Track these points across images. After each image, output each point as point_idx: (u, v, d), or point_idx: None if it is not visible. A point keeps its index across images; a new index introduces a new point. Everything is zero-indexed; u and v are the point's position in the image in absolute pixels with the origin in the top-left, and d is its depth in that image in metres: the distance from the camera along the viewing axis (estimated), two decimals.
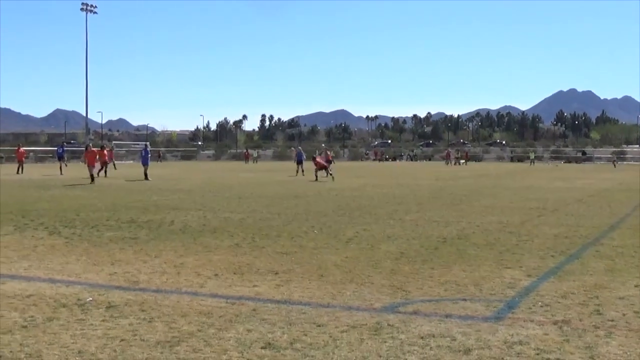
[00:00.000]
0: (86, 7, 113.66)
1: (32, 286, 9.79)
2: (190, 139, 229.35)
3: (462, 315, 8.10)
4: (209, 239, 14.72)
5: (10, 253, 12.81)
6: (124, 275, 10.63)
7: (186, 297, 9.08)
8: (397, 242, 14.40)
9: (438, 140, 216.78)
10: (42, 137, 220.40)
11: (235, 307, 8.47)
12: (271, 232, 15.99)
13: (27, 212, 20.66)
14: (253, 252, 12.98)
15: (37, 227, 16.86)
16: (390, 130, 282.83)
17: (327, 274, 10.71)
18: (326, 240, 14.55)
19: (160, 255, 12.60)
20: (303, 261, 11.92)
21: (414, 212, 21.17)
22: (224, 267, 11.37)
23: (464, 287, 9.74)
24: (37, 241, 14.42)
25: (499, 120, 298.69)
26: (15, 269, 11.25)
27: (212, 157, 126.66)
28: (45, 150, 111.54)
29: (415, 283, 10.02)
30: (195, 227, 16.95)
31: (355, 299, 9.00)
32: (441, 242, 14.32)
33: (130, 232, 15.97)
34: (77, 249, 13.37)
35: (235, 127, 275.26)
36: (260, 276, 10.58)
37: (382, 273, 10.82)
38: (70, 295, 9.18)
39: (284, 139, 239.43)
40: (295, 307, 8.47)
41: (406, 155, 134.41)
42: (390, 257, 12.33)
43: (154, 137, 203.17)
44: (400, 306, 8.60)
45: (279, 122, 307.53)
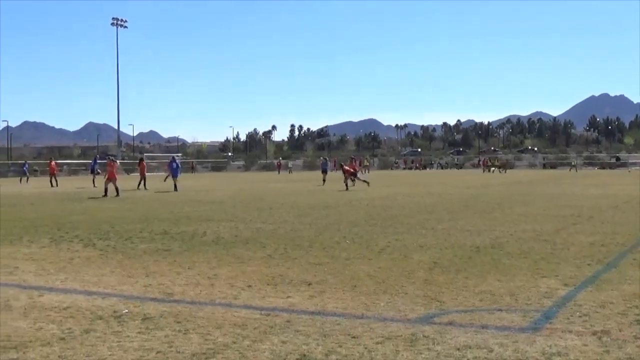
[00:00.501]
0: (117, 22, 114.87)
1: (68, 298, 9.87)
2: (221, 150, 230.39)
3: (499, 326, 8.04)
4: (242, 250, 14.75)
5: (47, 265, 12.92)
6: (158, 287, 10.68)
7: (220, 309, 9.10)
8: (430, 251, 14.35)
9: (468, 148, 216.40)
10: (75, 150, 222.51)
11: (270, 319, 8.48)
12: (303, 242, 16.00)
13: (62, 224, 20.84)
14: (286, 263, 12.99)
15: (72, 239, 16.99)
16: (420, 138, 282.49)
17: (361, 285, 10.70)
18: (358, 251, 14.53)
19: (193, 266, 12.65)
20: (336, 272, 11.91)
21: (446, 221, 21.09)
22: (257, 278, 11.39)
23: (499, 297, 9.68)
24: (73, 253, 14.53)
25: (530, 126, 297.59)
26: (52, 281, 11.34)
27: (242, 168, 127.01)
28: (78, 163, 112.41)
29: (449, 293, 9.98)
30: (227, 238, 17.00)
31: (390, 309, 8.98)
32: (475, 252, 14.25)
33: (164, 243, 16.05)
34: (112, 261, 13.45)
35: (264, 137, 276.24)
36: (293, 287, 10.58)
37: (416, 283, 10.79)
38: (106, 307, 9.24)
39: (313, 148, 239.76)
40: (329, 319, 8.47)
41: (436, 163, 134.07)
42: (423, 267, 12.29)
43: (185, 148, 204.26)
44: (435, 317, 8.56)
45: (308, 132, 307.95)
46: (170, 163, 47.73)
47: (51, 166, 57.97)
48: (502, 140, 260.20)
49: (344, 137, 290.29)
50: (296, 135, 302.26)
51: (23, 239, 17.11)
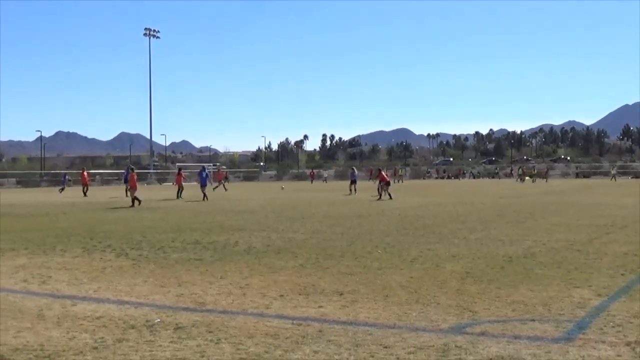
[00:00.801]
0: (149, 32, 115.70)
1: (101, 308, 9.93)
2: (252, 159, 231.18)
3: (531, 336, 7.99)
4: (274, 260, 14.77)
5: (80, 275, 13.00)
6: (190, 297, 10.71)
7: (252, 318, 9.11)
8: (462, 261, 14.30)
9: (501, 157, 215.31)
10: (107, 160, 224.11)
11: (302, 328, 8.48)
12: (335, 252, 15.99)
13: (95, 234, 20.98)
14: (317, 272, 12.99)
15: (104, 249, 17.10)
16: (452, 147, 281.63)
17: (393, 295, 10.67)
18: (390, 260, 14.50)
19: (225, 276, 12.67)
20: (368, 281, 11.89)
21: (478, 230, 21.01)
22: (289, 287, 11.39)
23: (532, 307, 9.62)
24: (105, 263, 14.62)
25: (563, 135, 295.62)
26: (85, 290, 11.42)
27: (274, 178, 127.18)
28: (111, 173, 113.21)
29: (482, 303, 9.93)
30: (259, 247, 17.03)
31: (422, 319, 8.95)
32: (507, 261, 14.18)
33: (196, 253, 16.10)
34: (144, 270, 13.51)
35: (296, 147, 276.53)
36: (325, 297, 10.58)
37: (448, 293, 10.75)
38: (138, 316, 9.28)
39: (345, 158, 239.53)
40: (361, 328, 8.45)
41: (469, 172, 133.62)
42: (455, 277, 12.24)
43: (217, 158, 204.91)
44: (467, 327, 8.52)
45: (340, 141, 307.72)
46: (200, 172, 48.56)
47: (83, 176, 58.53)
48: (535, 150, 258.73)
49: (376, 146, 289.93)
50: (328, 145, 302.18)
51: (56, 248, 17.24)
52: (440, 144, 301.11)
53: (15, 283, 12.23)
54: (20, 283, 12.22)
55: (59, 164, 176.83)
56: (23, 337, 8.19)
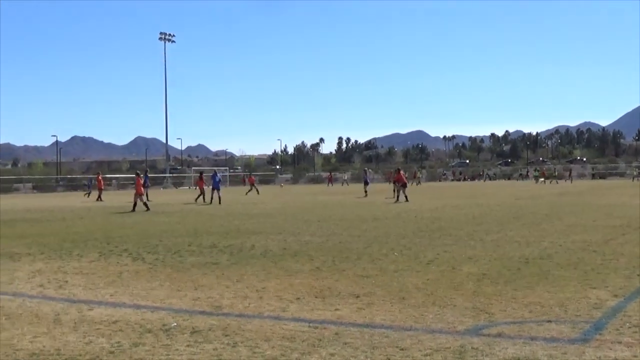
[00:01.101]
0: (164, 37, 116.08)
1: (118, 312, 9.95)
2: (268, 162, 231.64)
3: (548, 338, 7.96)
4: (290, 263, 14.78)
5: (97, 279, 13.04)
6: (207, 300, 10.72)
7: (269, 322, 9.11)
8: (479, 263, 14.27)
9: (517, 159, 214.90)
10: (123, 164, 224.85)
11: (318, 331, 8.48)
12: (351, 255, 15.99)
13: (111, 238, 21.04)
14: (334, 275, 12.98)
15: (121, 253, 17.14)
16: (468, 149, 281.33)
17: (409, 297, 10.66)
18: (407, 263, 14.48)
19: (242, 279, 12.68)
20: (384, 284, 11.88)
21: (494, 232, 20.96)
22: (306, 290, 11.39)
23: (548, 309, 9.59)
24: (122, 267, 14.65)
25: (579, 137, 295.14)
26: (101, 295, 11.45)
27: (290, 181, 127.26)
28: (127, 177, 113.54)
29: (498, 305, 9.91)
30: (275, 251, 17.04)
31: (438, 321, 8.93)
32: (523, 263, 14.14)
33: (212, 257, 16.12)
34: (161, 274, 13.54)
35: (312, 150, 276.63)
36: (341, 300, 10.57)
37: (464, 295, 10.73)
38: (155, 320, 9.30)
39: (361, 161, 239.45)
40: (377, 331, 8.44)
41: (485, 174, 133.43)
42: (472, 279, 12.21)
43: (233, 161, 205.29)
44: (483, 329, 8.50)
45: (356, 144, 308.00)
46: (212, 176, 49.25)
47: (99, 181, 59.03)
48: (551, 151, 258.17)
49: (392, 149, 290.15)
50: (344, 148, 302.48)
51: (72, 253, 17.29)
52: (456, 146, 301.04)
53: (31, 288, 12.28)
54: (36, 288, 12.26)
55: (75, 168, 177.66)
56: (40, 342, 8.22)
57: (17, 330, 8.88)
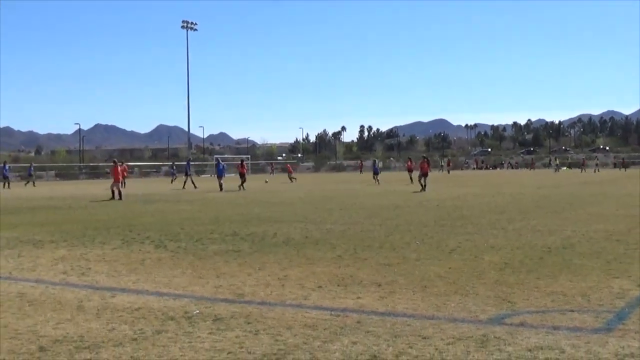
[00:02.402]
0: (187, 25, 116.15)
1: (140, 299, 9.98)
2: (290, 151, 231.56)
3: (571, 327, 7.92)
4: (312, 251, 14.77)
5: (119, 267, 13.09)
6: (229, 288, 10.74)
7: (291, 310, 9.11)
8: (501, 252, 14.22)
9: (539, 147, 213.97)
10: (146, 152, 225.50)
11: (340, 319, 8.47)
12: (373, 243, 15.97)
13: (133, 226, 21.12)
14: (356, 263, 12.97)
15: (143, 240, 17.20)
16: (490, 138, 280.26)
17: (431, 286, 10.63)
18: (428, 251, 14.45)
19: (263, 267, 12.69)
20: (406, 272, 11.85)
21: (516, 221, 20.89)
22: (327, 279, 11.39)
23: (571, 298, 9.54)
24: (144, 255, 14.70)
25: (602, 125, 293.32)
26: (124, 282, 11.48)
27: (312, 169, 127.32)
28: (149, 165, 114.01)
29: (520, 294, 9.87)
30: (297, 239, 17.05)
31: (460, 310, 8.91)
32: (546, 252, 14.08)
33: (234, 245, 16.15)
34: (183, 262, 13.57)
35: (334, 138, 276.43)
36: (363, 288, 10.56)
37: (487, 284, 10.69)
38: (177, 308, 9.32)
39: (382, 149, 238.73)
40: (399, 319, 8.42)
41: (507, 163, 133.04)
42: (494, 268, 12.17)
43: (255, 150, 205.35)
44: (506, 317, 8.47)
45: (378, 132, 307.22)
46: (217, 164, 51.49)
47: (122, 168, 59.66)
48: (574, 140, 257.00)
49: (414, 137, 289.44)
50: (365, 136, 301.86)
51: (95, 241, 17.37)
52: (478, 135, 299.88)
53: (55, 275, 12.34)
54: (59, 275, 12.32)
55: (98, 156, 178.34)
56: (63, 328, 8.26)
57: (40, 316, 8.92)
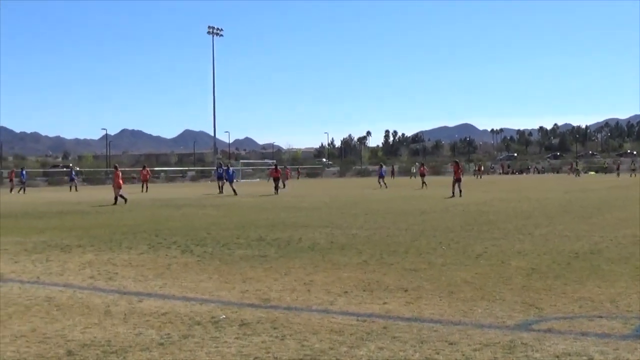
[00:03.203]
0: (212, 30, 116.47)
1: (167, 304, 10.01)
2: (315, 156, 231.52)
3: (599, 333, 7.87)
4: (338, 256, 14.77)
5: (146, 271, 13.13)
6: (255, 293, 10.75)
7: (317, 315, 9.11)
8: (528, 257, 14.15)
9: (565, 152, 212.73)
10: (172, 157, 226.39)
11: (366, 325, 8.46)
12: (399, 248, 15.95)
13: (160, 231, 21.19)
14: (381, 269, 12.95)
15: (170, 245, 17.26)
16: (516, 143, 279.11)
17: (457, 291, 10.60)
18: (455, 257, 14.42)
19: (289, 272, 12.70)
20: (432, 278, 11.83)
21: (543, 226, 20.79)
22: (353, 284, 11.38)
23: (599, 304, 9.48)
24: (171, 260, 14.75)
25: (629, 129, 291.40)
26: (151, 287, 11.53)
27: (337, 174, 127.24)
28: (175, 170, 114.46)
29: (548, 300, 9.82)
30: (323, 244, 17.05)
31: (487, 316, 8.87)
32: (573, 257, 14.01)
33: (260, 250, 16.17)
34: (209, 267, 13.60)
35: (359, 143, 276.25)
36: (389, 293, 10.54)
37: (514, 289, 10.65)
38: (204, 313, 9.34)
39: (408, 154, 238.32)
40: (426, 325, 8.40)
41: (533, 168, 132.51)
42: (521, 273, 12.12)
43: (280, 154, 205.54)
44: (533, 324, 8.43)
45: (403, 137, 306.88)
46: (227, 170, 53.80)
47: (143, 173, 62.25)
48: (601, 144, 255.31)
49: (439, 142, 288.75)
50: (391, 141, 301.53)
51: (122, 245, 17.44)
52: (504, 139, 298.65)
53: (82, 279, 12.40)
54: (87, 279, 12.38)
55: (124, 161, 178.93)
56: (90, 332, 8.30)
57: (68, 321, 8.97)
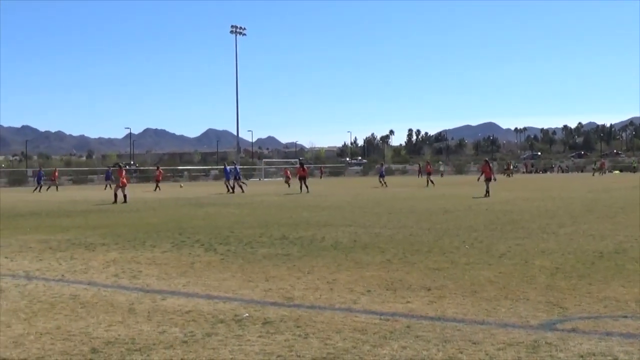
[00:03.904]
0: (235, 30, 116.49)
1: (190, 302, 10.04)
2: (338, 155, 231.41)
3: (624, 333, 7.82)
4: (361, 255, 14.76)
5: (170, 270, 13.18)
6: (278, 292, 10.77)
7: (340, 314, 9.12)
8: (552, 257, 14.09)
9: (590, 151, 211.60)
10: (195, 156, 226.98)
11: (389, 324, 8.45)
12: (422, 247, 15.91)
13: (183, 229, 21.25)
14: (405, 268, 12.93)
15: (193, 244, 17.30)
16: (540, 141, 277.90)
17: (481, 290, 10.57)
18: (478, 256, 14.37)
19: (312, 271, 12.71)
20: (455, 277, 11.80)
21: (567, 225, 20.69)
22: (376, 283, 11.37)
23: (624, 304, 9.43)
24: (194, 258, 14.79)
25: None
26: (174, 285, 11.57)
27: (360, 173, 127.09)
28: (198, 169, 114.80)
29: (572, 299, 9.77)
30: (346, 243, 17.04)
31: (511, 315, 8.84)
32: (598, 257, 13.92)
33: (283, 248, 16.18)
34: (233, 265, 13.63)
35: (382, 142, 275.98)
36: (412, 292, 10.53)
37: (537, 289, 10.60)
38: (227, 311, 9.36)
39: (431, 153, 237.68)
40: (449, 324, 8.39)
41: (557, 167, 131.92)
42: (545, 273, 12.06)
43: (303, 153, 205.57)
44: (557, 323, 8.39)
45: (426, 136, 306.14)
46: (234, 169, 54.22)
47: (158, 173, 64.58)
48: (625, 143, 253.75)
49: (462, 141, 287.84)
50: (414, 140, 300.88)
51: (146, 244, 17.51)
52: (527, 138, 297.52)
53: (106, 277, 12.47)
54: (111, 278, 12.44)
55: (148, 160, 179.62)
56: (115, 330, 8.35)
57: (92, 318, 9.02)
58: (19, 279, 12.42)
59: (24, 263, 14.52)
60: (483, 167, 43.41)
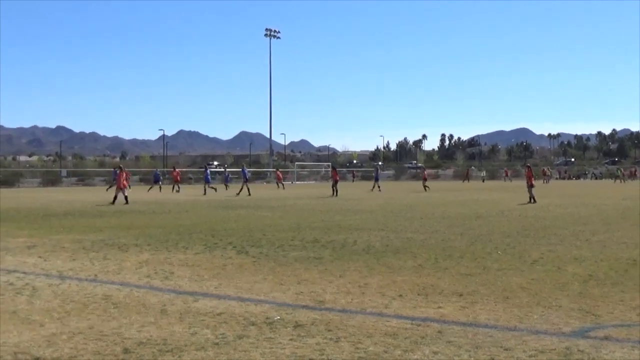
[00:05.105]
0: (270, 33, 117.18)
1: (222, 304, 10.08)
2: (371, 158, 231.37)
3: None
4: (392, 260, 14.74)
5: (202, 272, 13.24)
6: (309, 295, 10.78)
7: (371, 318, 9.11)
8: (585, 264, 13.99)
9: (624, 157, 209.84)
10: (228, 158, 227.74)
11: (421, 329, 8.44)
12: (454, 253, 15.87)
13: (216, 231, 21.34)
14: (436, 273, 12.90)
15: (225, 246, 17.36)
16: (573, 148, 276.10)
17: (513, 296, 10.53)
18: (510, 262, 14.31)
19: (344, 275, 12.71)
20: (488, 283, 11.76)
21: (601, 232, 20.54)
22: (408, 288, 11.35)
23: None
24: (226, 260, 14.84)
25: None
26: (206, 287, 11.62)
27: (392, 177, 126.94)
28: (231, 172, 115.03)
29: (605, 307, 9.71)
30: (378, 247, 17.02)
31: (543, 322, 8.80)
32: (631, 264, 13.81)
33: (315, 252, 16.19)
34: (264, 268, 13.66)
35: (415, 146, 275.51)
36: (444, 297, 10.51)
37: (570, 296, 10.54)
38: (258, 313, 9.39)
39: (463, 158, 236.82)
40: (481, 330, 8.36)
41: (590, 173, 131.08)
42: (577, 280, 11.99)
43: (335, 157, 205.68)
44: (590, 331, 8.34)
45: (459, 141, 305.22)
46: (242, 171, 56.74)
47: (174, 174, 65.94)
48: None
49: (495, 146, 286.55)
50: (446, 145, 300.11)
51: (178, 245, 17.59)
52: (561, 144, 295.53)
53: (139, 278, 12.54)
54: (144, 278, 12.52)
55: (181, 162, 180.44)
56: (147, 331, 8.40)
57: (125, 319, 9.08)
58: (52, 279, 12.53)
59: (58, 263, 14.65)
60: (527, 172, 42.71)
